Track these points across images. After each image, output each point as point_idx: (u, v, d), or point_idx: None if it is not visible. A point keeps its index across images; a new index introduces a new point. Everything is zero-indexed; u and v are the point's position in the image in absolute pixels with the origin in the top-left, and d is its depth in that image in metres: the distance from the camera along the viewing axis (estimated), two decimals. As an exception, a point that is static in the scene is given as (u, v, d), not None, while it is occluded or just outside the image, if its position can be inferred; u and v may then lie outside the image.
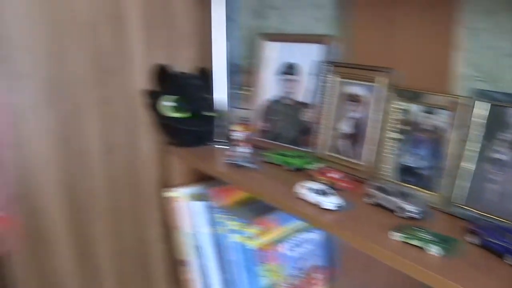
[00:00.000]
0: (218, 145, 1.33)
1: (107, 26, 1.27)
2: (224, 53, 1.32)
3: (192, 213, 1.31)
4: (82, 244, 1.34)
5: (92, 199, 1.33)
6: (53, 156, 1.24)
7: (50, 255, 1.29)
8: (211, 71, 1.34)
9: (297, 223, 1.21)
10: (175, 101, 1.31)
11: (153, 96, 1.34)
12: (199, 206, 1.29)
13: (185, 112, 1.31)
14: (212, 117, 1.33)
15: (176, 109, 1.31)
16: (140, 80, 1.35)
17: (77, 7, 1.21)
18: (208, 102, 1.34)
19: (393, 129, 0.99)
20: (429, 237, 0.75)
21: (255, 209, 1.21)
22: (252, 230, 1.16)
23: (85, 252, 1.35)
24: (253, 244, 1.15)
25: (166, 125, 1.34)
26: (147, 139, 1.39)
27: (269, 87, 1.30)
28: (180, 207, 1.34)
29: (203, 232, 1.30)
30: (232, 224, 1.19)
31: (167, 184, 1.40)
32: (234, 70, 1.35)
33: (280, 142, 1.25)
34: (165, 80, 1.35)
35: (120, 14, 1.28)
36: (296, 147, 1.21)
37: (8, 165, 1.18)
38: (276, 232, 1.18)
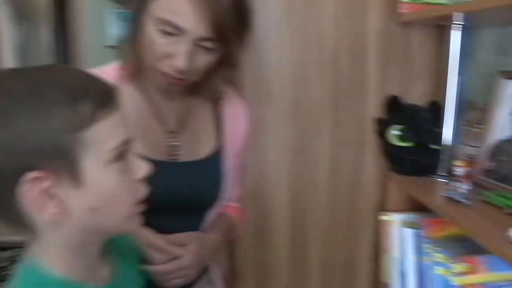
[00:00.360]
0: (439, 178, 1.34)
1: (347, 58, 1.43)
2: (457, 88, 1.33)
3: (402, 239, 1.35)
4: (296, 246, 1.52)
5: (312, 208, 1.50)
6: (285, 165, 1.46)
7: (269, 248, 1.51)
8: (443, 105, 1.37)
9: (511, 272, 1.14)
10: (402, 130, 1.37)
11: (382, 124, 1.44)
12: (409, 233, 1.33)
13: (410, 142, 1.37)
14: (437, 150, 1.35)
15: (402, 138, 1.38)
16: (372, 108, 1.46)
17: (324, 40, 1.41)
18: (435, 135, 1.36)
19: None
20: None
21: (464, 246, 1.18)
22: (458, 266, 1.14)
23: (298, 254, 1.53)
24: (457, 280, 1.13)
25: (390, 152, 1.42)
26: (371, 163, 1.49)
27: (501, 126, 1.25)
28: (392, 232, 1.39)
29: (410, 259, 1.32)
30: (439, 256, 1.19)
31: (383, 207, 1.47)
32: (466, 106, 1.34)
33: (504, 184, 1.19)
34: (396, 110, 1.43)
35: (361, 49, 1.43)
36: (521, 191, 1.14)
37: (249, 166, 1.44)
38: (485, 275, 1.13)
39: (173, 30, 0.91)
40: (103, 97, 0.63)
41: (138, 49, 0.99)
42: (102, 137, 0.62)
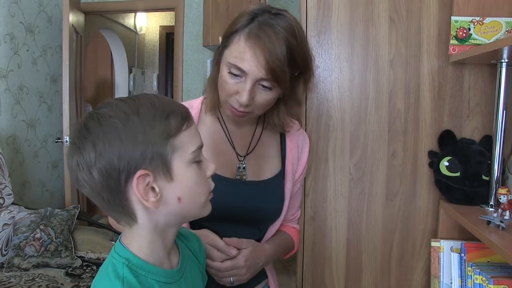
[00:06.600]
0: (486, 206, 1.39)
1: (404, 96, 1.56)
2: (503, 122, 1.39)
3: (449, 264, 1.41)
4: (352, 268, 1.63)
5: (368, 232, 1.61)
6: (344, 192, 1.60)
7: (325, 267, 1.63)
8: (494, 139, 1.43)
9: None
10: (450, 161, 1.46)
11: (435, 156, 1.53)
12: (455, 258, 1.39)
13: (456, 172, 1.45)
14: (485, 180, 1.42)
15: (450, 168, 1.46)
16: (426, 141, 1.56)
17: (381, 80, 1.56)
18: (484, 166, 1.43)
19: None
20: None
21: (504, 270, 1.23)
22: (494, 288, 1.19)
23: (353, 275, 1.63)
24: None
25: (441, 182, 1.50)
26: (424, 192, 1.57)
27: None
28: (441, 258, 1.46)
29: (456, 284, 1.38)
30: (477, 278, 1.24)
31: (434, 234, 1.54)
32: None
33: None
34: (448, 143, 1.52)
35: (416, 89, 1.56)
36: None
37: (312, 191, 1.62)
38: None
39: (238, 73, 1.15)
40: (184, 114, 0.86)
41: (216, 87, 1.25)
42: (185, 143, 0.84)
